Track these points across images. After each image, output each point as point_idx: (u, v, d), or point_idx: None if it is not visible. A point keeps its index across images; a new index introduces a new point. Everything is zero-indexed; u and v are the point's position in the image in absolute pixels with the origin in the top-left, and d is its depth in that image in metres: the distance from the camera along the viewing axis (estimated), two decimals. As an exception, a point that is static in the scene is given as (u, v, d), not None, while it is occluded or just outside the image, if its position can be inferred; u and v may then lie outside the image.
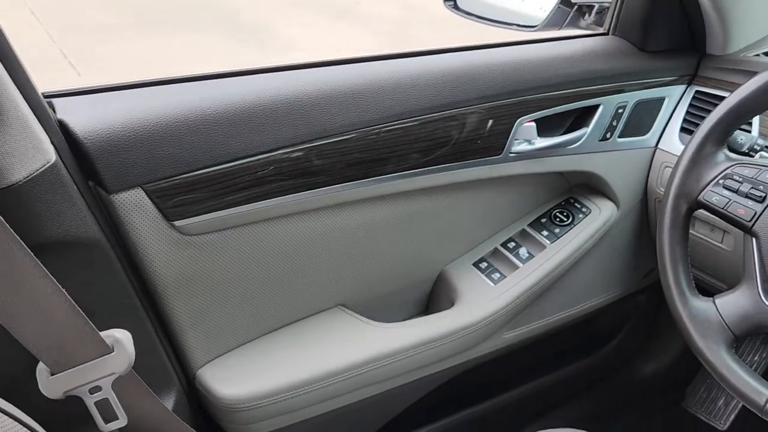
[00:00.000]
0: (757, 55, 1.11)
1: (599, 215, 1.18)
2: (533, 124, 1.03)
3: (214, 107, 0.79)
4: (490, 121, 0.99)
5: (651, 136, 1.17)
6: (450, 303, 1.10)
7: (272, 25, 5.42)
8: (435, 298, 1.15)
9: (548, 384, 1.45)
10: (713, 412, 1.61)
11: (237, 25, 5.32)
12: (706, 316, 0.81)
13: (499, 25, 1.24)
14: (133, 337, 0.61)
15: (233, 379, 0.90)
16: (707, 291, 0.87)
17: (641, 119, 1.15)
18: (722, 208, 0.80)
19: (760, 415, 0.75)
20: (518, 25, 1.23)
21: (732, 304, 0.80)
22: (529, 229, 1.17)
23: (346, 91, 0.88)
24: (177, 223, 0.79)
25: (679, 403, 1.65)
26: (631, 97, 1.12)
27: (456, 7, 1.28)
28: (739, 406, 1.59)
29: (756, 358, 1.57)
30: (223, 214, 0.83)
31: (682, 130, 1.15)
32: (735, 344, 0.80)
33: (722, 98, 0.84)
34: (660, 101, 1.16)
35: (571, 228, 1.16)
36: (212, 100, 0.80)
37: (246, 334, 0.94)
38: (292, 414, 0.95)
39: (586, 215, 1.18)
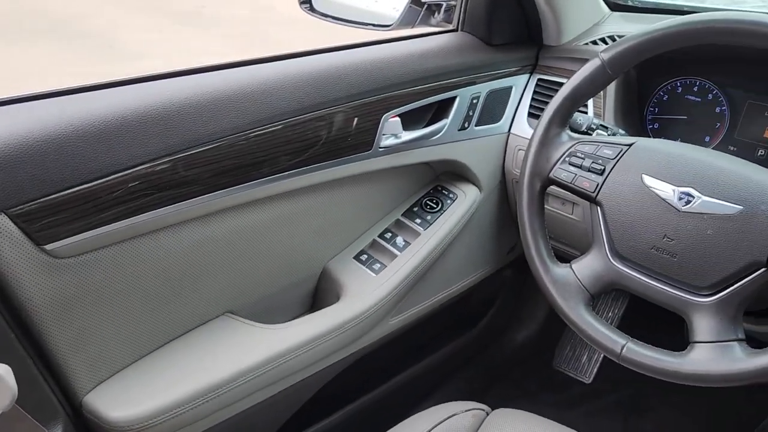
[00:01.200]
0: (587, 43, 1.24)
1: (465, 199, 1.26)
2: (398, 119, 1.08)
3: (77, 123, 0.76)
4: (357, 119, 1.03)
5: (503, 123, 1.27)
6: (335, 297, 1.13)
7: (116, 33, 5.14)
8: (320, 294, 1.18)
9: (433, 364, 1.53)
10: (579, 368, 1.78)
11: (80, 34, 4.99)
12: (566, 281, 0.90)
13: (355, 25, 1.28)
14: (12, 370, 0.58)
15: (123, 400, 0.87)
16: (564, 259, 0.96)
17: (494, 108, 1.25)
18: (570, 183, 0.90)
19: (617, 362, 0.85)
20: (373, 25, 1.28)
21: (586, 267, 0.90)
22: (403, 219, 1.23)
23: (214, 98, 0.88)
24: (47, 246, 0.76)
25: (549, 364, 1.80)
26: (483, 88, 1.21)
27: (312, 9, 1.31)
28: (600, 359, 1.77)
29: (610, 313, 1.75)
30: (96, 233, 0.80)
31: (530, 115, 1.26)
32: (592, 302, 0.90)
33: (561, 84, 0.94)
34: (508, 90, 1.26)
35: (441, 214, 1.24)
36: (75, 115, 0.77)
37: (133, 354, 0.92)
38: (188, 428, 0.93)
39: (454, 200, 1.26)
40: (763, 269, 0.76)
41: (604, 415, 1.65)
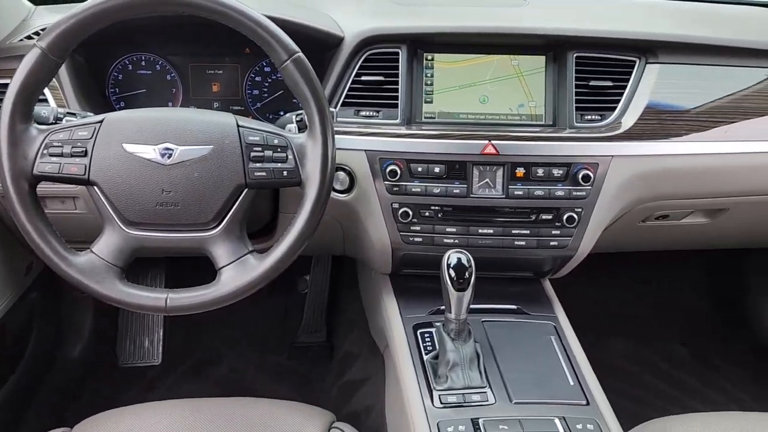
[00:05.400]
0: (21, 39, 1.20)
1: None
2: None
3: None
4: None
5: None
6: None
7: None
8: None
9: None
10: (145, 354, 1.81)
11: None
12: (92, 265, 0.91)
13: None
14: None
15: None
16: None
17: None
18: (58, 173, 0.89)
19: (167, 314, 0.92)
20: None
21: (106, 245, 0.92)
22: None
23: None
24: None
25: (116, 364, 1.77)
26: None
27: None
28: (161, 338, 1.84)
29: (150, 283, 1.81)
30: None
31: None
32: (124, 275, 0.93)
33: (8, 85, 0.90)
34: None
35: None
36: None
37: None
38: None
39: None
40: (246, 189, 0.92)
41: (182, 382, 1.74)
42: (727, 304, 1.96)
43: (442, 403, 0.97)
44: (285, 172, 0.92)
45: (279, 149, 0.92)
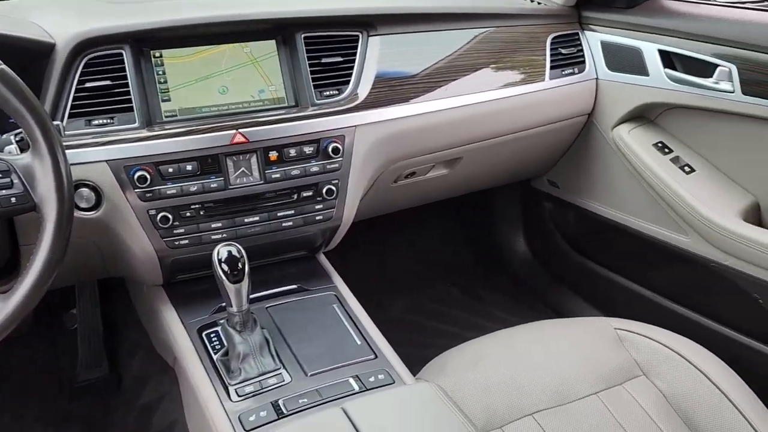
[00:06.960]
0: None
1: None
2: None
3: None
4: None
5: None
6: None
7: None
8: None
9: None
10: None
11: None
12: None
13: None
14: None
15: None
16: None
17: None
18: None
19: None
20: None
21: None
22: None
23: None
24: None
25: None
26: None
27: None
28: None
29: None
30: None
31: None
32: None
33: None
34: None
35: None
36: None
37: None
38: None
39: None
40: None
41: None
42: (482, 242, 2.21)
43: (239, 396, 0.97)
44: (13, 199, 0.83)
45: (0, 175, 0.83)
